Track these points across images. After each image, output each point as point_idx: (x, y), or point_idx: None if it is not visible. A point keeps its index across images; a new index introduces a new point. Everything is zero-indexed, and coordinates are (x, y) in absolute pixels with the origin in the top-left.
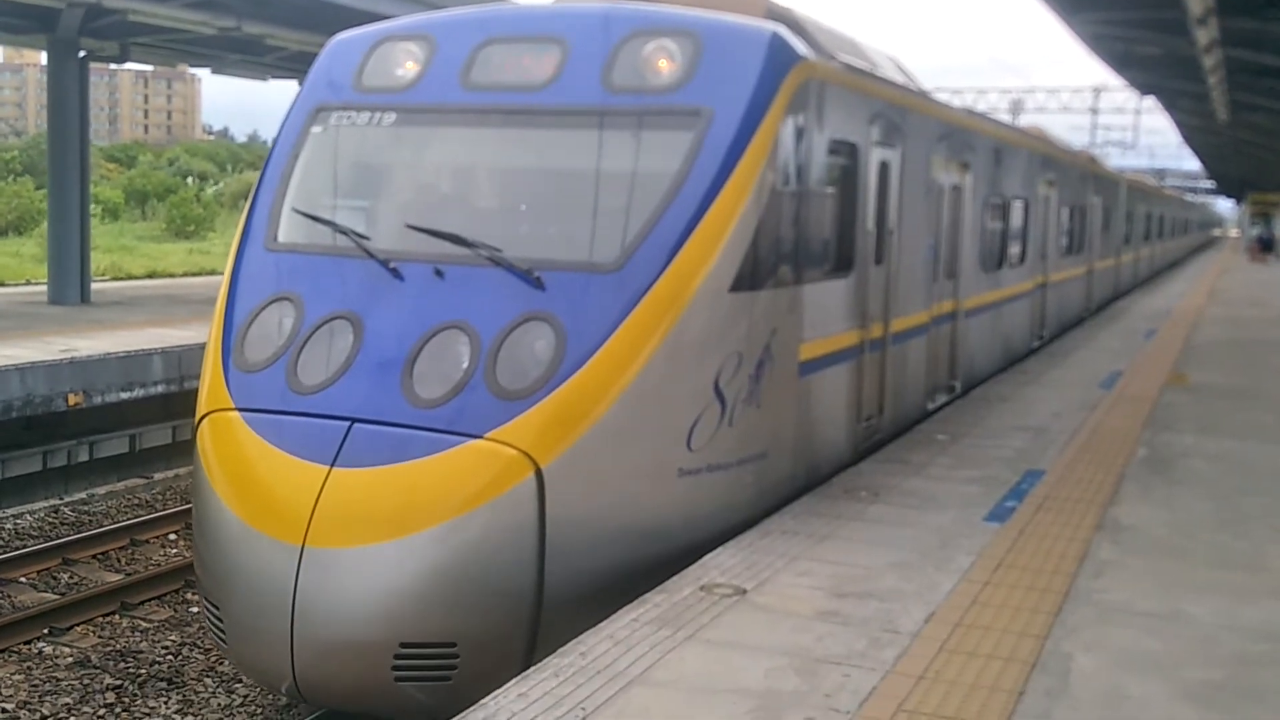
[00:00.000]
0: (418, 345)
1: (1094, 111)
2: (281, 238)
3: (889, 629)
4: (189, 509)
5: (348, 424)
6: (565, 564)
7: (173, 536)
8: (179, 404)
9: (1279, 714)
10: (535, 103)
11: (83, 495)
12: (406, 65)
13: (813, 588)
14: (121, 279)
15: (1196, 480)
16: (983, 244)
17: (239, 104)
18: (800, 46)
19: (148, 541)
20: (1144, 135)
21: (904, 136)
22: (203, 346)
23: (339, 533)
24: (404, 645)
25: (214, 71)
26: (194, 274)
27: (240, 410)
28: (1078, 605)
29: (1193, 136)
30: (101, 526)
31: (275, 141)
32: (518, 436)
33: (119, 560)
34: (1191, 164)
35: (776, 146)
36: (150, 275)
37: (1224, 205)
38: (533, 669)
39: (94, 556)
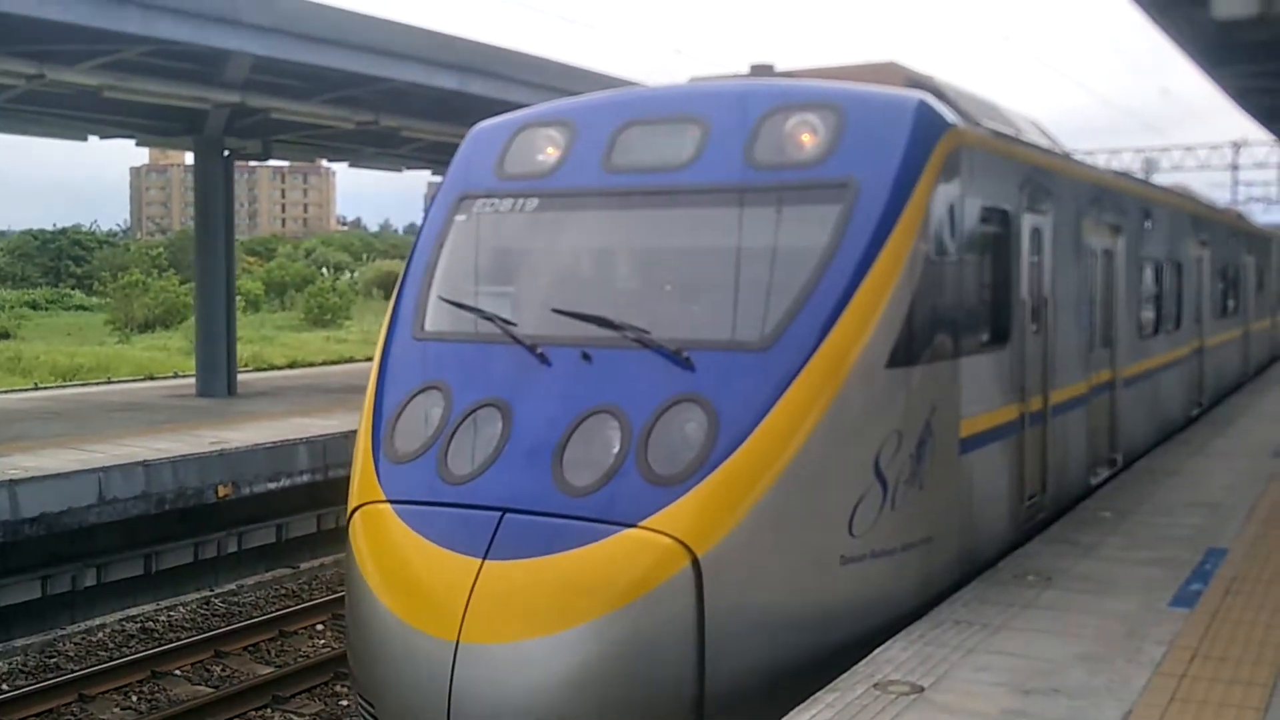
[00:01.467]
0: (567, 431)
1: (1234, 168)
2: (429, 326)
3: None
4: (335, 598)
5: (499, 514)
6: (726, 657)
7: (319, 627)
8: (323, 492)
9: None
10: (678, 182)
11: (232, 586)
12: (547, 151)
13: (994, 684)
14: (264, 369)
15: None
16: (1137, 309)
17: (371, 195)
18: (948, 114)
19: (296, 632)
20: None
21: (1054, 201)
22: (344, 435)
23: (493, 628)
24: None
25: (351, 165)
26: (332, 361)
27: (391, 502)
28: None
29: None
30: (251, 618)
31: (420, 231)
32: (673, 524)
33: (268, 651)
34: None
35: (928, 216)
36: (291, 365)
37: None
38: None
39: (245, 648)
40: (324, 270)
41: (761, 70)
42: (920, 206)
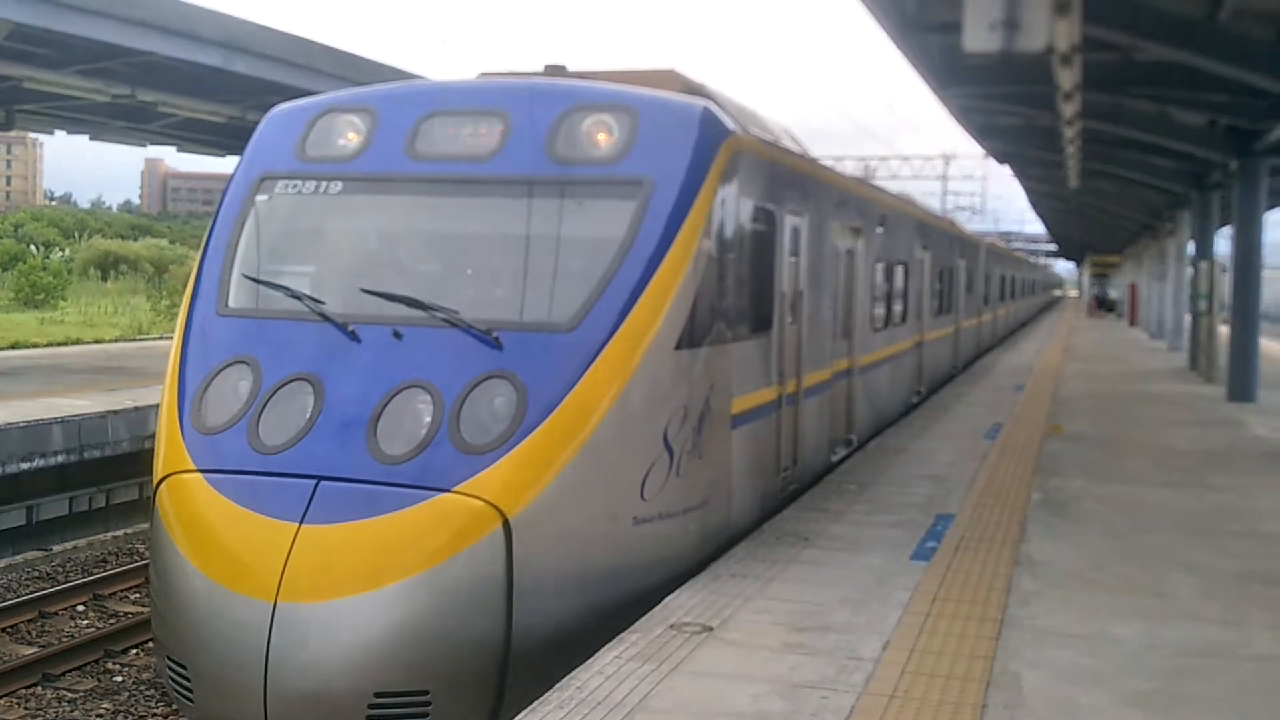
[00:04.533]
0: (380, 404)
1: (944, 178)
2: (233, 303)
3: (852, 657)
4: (94, 579)
5: (314, 482)
6: (531, 611)
7: (81, 608)
8: (77, 474)
9: (1210, 715)
10: (484, 173)
11: None
12: (349, 135)
13: (773, 623)
14: None
15: (1093, 520)
16: (872, 304)
17: (81, 169)
18: (728, 120)
19: (57, 614)
20: (990, 200)
21: (809, 204)
22: (100, 415)
23: (311, 588)
24: (378, 695)
25: (92, 138)
26: (58, 343)
27: (201, 471)
28: (1014, 630)
29: (1040, 202)
30: (5, 600)
31: (218, 209)
32: (485, 489)
33: (29, 633)
34: (1034, 228)
35: (711, 214)
36: (14, 346)
37: (1064, 267)
38: (536, 702)
39: (3, 630)
40: (33, 248)
41: (555, 70)
42: (705, 205)
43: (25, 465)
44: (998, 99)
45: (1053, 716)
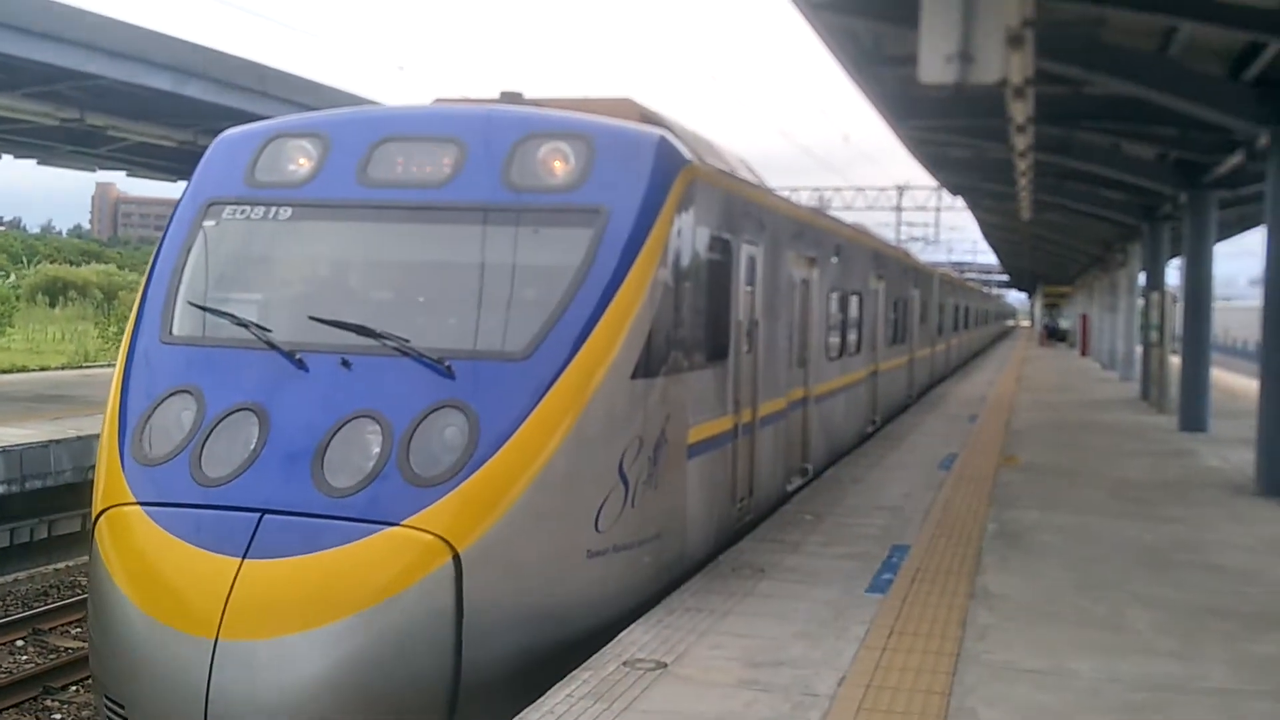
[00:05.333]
0: (328, 435)
1: (899, 209)
2: (176, 330)
3: (808, 693)
4: (34, 614)
5: (258, 515)
6: (481, 647)
7: (20, 643)
8: (15, 505)
9: None
10: (438, 199)
11: None
12: (300, 161)
13: (728, 659)
14: None
15: (1048, 551)
16: (827, 333)
17: (29, 193)
18: (684, 149)
19: None
20: (944, 231)
21: (765, 233)
22: (42, 445)
23: (253, 625)
24: None
25: (40, 163)
26: (2, 371)
27: (142, 504)
28: (970, 665)
29: (992, 233)
30: None
31: (164, 234)
32: (434, 522)
33: None
34: (986, 258)
35: (668, 243)
36: None
37: (1016, 297)
38: None
39: None
40: None
41: (511, 97)
42: (662, 234)
43: None
44: (951, 131)
45: None
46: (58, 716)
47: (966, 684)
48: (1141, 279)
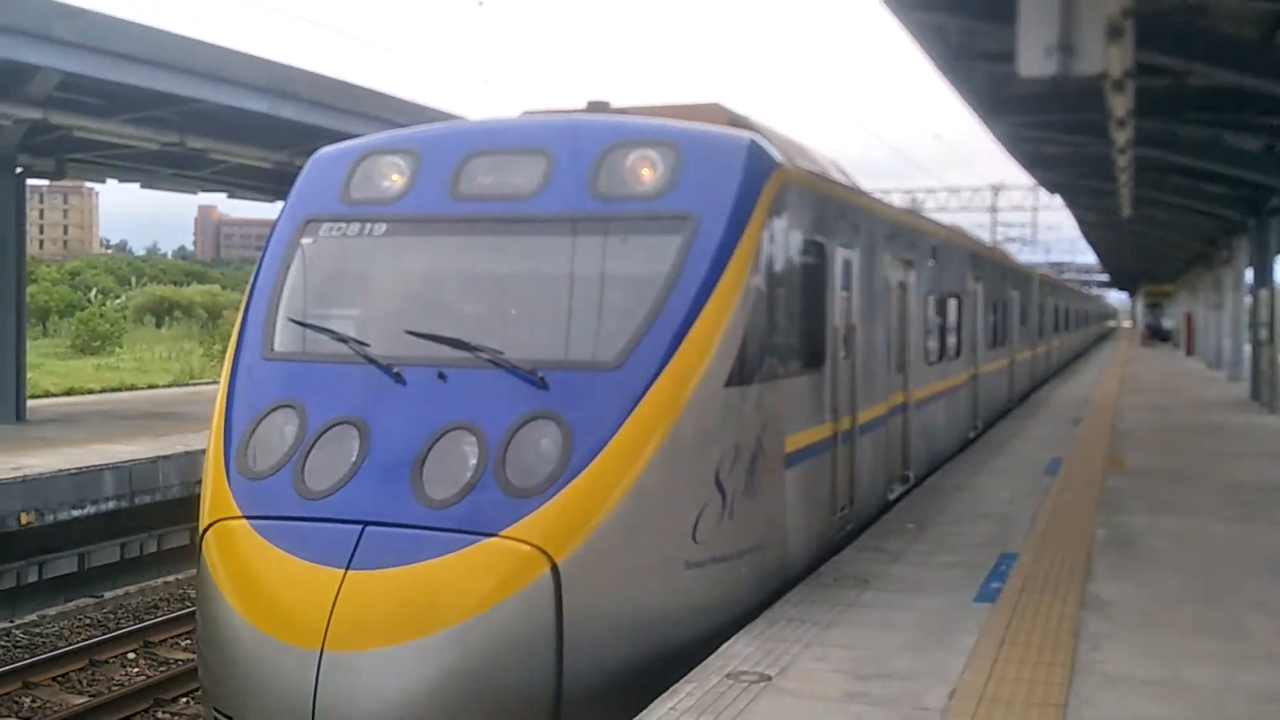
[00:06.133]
0: (425, 447)
1: (993, 210)
2: (278, 347)
3: (918, 707)
4: (146, 626)
5: (360, 527)
6: (582, 659)
7: (131, 655)
8: (127, 520)
9: None
10: (526, 211)
11: (33, 616)
12: (393, 178)
13: (833, 670)
14: (38, 396)
15: (1160, 558)
16: (925, 337)
17: (134, 217)
18: (775, 153)
19: (106, 661)
20: (1041, 231)
21: (860, 236)
22: (150, 461)
23: (357, 636)
24: None
25: (143, 186)
26: (112, 389)
27: (248, 518)
28: (1085, 676)
29: (1091, 232)
30: (57, 648)
31: (263, 253)
32: (532, 533)
33: (80, 682)
34: (1085, 258)
35: (760, 248)
36: (69, 392)
37: (1116, 297)
38: None
39: (54, 679)
40: (90, 295)
41: (598, 106)
42: (753, 239)
43: (77, 512)
44: (1047, 127)
45: None
46: None
47: (1083, 695)
48: (1249, 275)
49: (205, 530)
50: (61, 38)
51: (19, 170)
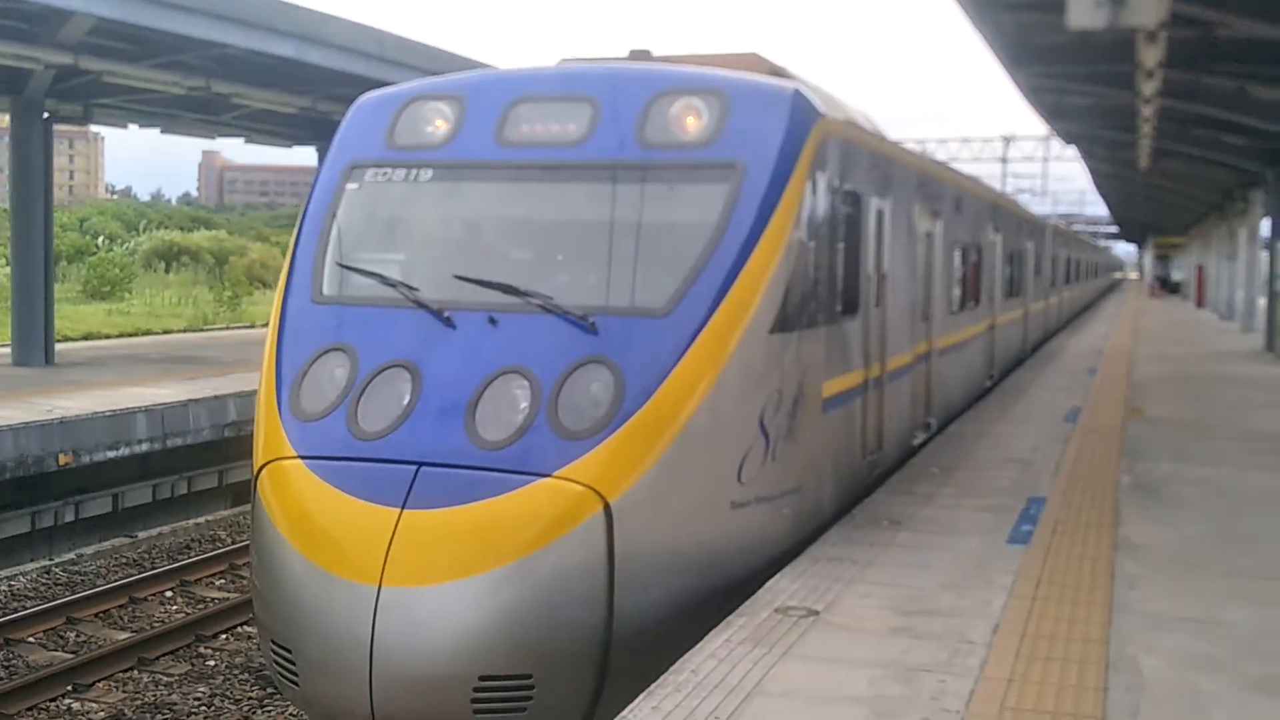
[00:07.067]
0: (478, 390)
1: (1004, 160)
2: (327, 291)
3: (964, 640)
4: (181, 566)
5: (415, 468)
6: (633, 596)
7: (169, 594)
8: (158, 462)
9: None
10: (573, 158)
11: (71, 555)
12: (437, 123)
13: (879, 607)
14: (59, 341)
15: (1187, 503)
16: (949, 287)
17: (137, 162)
18: (818, 103)
19: (146, 599)
20: (1051, 182)
21: (892, 186)
22: (181, 404)
23: (414, 572)
24: (482, 678)
25: (164, 131)
26: (128, 334)
27: (303, 458)
28: (1124, 615)
29: (1104, 183)
30: (96, 586)
31: (309, 198)
32: (585, 474)
33: (121, 619)
34: (1094, 209)
35: (803, 198)
36: (87, 337)
37: (1123, 249)
38: (654, 685)
39: (96, 615)
40: (99, 241)
41: (640, 54)
42: (797, 190)
43: (111, 454)
44: (1071, 79)
45: (1176, 700)
46: (212, 663)
47: (1122, 632)
48: (1264, 227)
49: (260, 469)
50: None
51: (45, 115)
